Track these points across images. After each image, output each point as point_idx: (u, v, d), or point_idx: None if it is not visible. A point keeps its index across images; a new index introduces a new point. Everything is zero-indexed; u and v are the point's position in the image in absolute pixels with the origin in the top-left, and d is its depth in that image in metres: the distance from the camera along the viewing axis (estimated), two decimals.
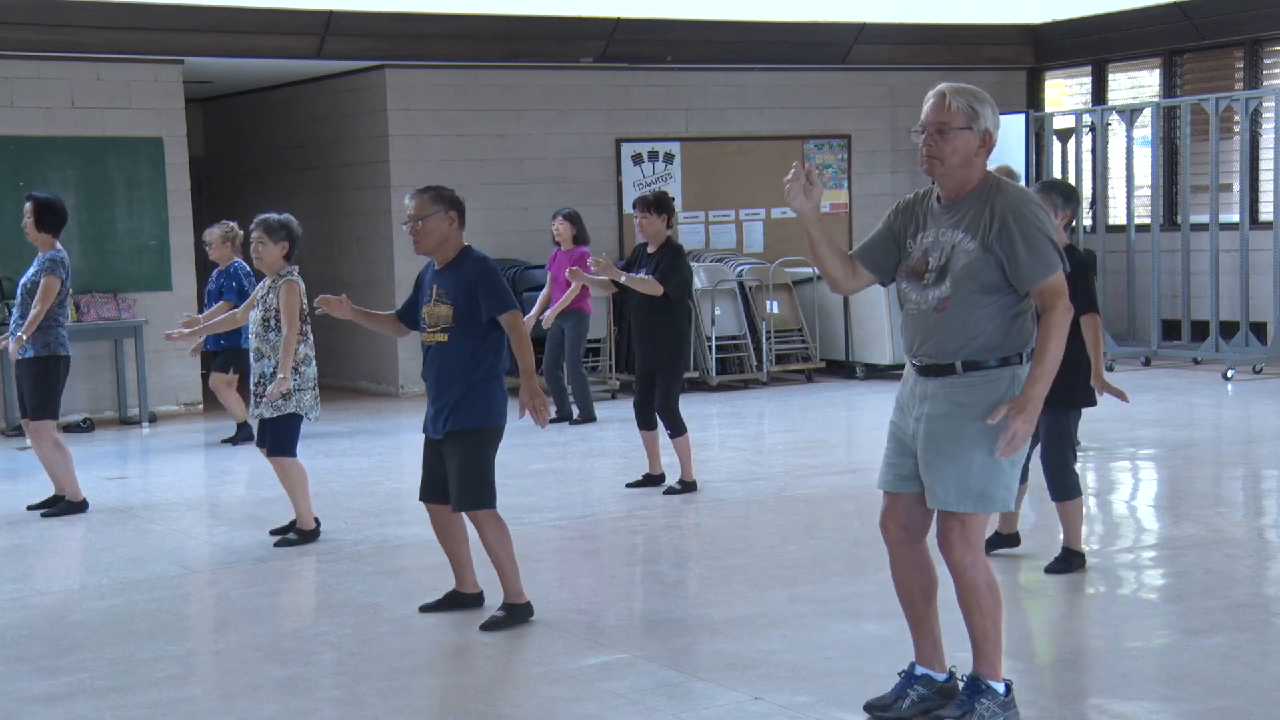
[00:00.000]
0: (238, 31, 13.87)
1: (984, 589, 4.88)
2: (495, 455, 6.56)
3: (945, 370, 4.85)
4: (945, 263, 4.83)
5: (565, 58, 15.28)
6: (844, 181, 16.77)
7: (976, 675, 4.96)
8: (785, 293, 15.42)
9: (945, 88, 4.93)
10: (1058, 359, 4.76)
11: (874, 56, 16.53)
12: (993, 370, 4.82)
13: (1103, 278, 15.69)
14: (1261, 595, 6.89)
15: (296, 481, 8.17)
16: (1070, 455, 7.13)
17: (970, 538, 4.85)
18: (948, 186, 4.92)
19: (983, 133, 4.86)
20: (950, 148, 4.84)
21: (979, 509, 4.84)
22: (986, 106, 4.90)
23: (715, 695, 5.45)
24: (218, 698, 5.77)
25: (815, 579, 7.18)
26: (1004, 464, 4.84)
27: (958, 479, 4.81)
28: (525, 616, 6.49)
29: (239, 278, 11.62)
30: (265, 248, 8.14)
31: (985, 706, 4.90)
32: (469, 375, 6.43)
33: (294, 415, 8.11)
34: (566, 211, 12.59)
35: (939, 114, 4.87)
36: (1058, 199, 7.02)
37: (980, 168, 4.90)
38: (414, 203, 6.55)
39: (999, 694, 4.93)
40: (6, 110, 13.20)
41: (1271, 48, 15.50)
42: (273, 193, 16.47)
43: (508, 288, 6.55)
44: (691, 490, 9.32)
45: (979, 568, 4.88)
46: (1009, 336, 4.83)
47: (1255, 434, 11.56)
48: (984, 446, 4.80)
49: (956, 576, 4.89)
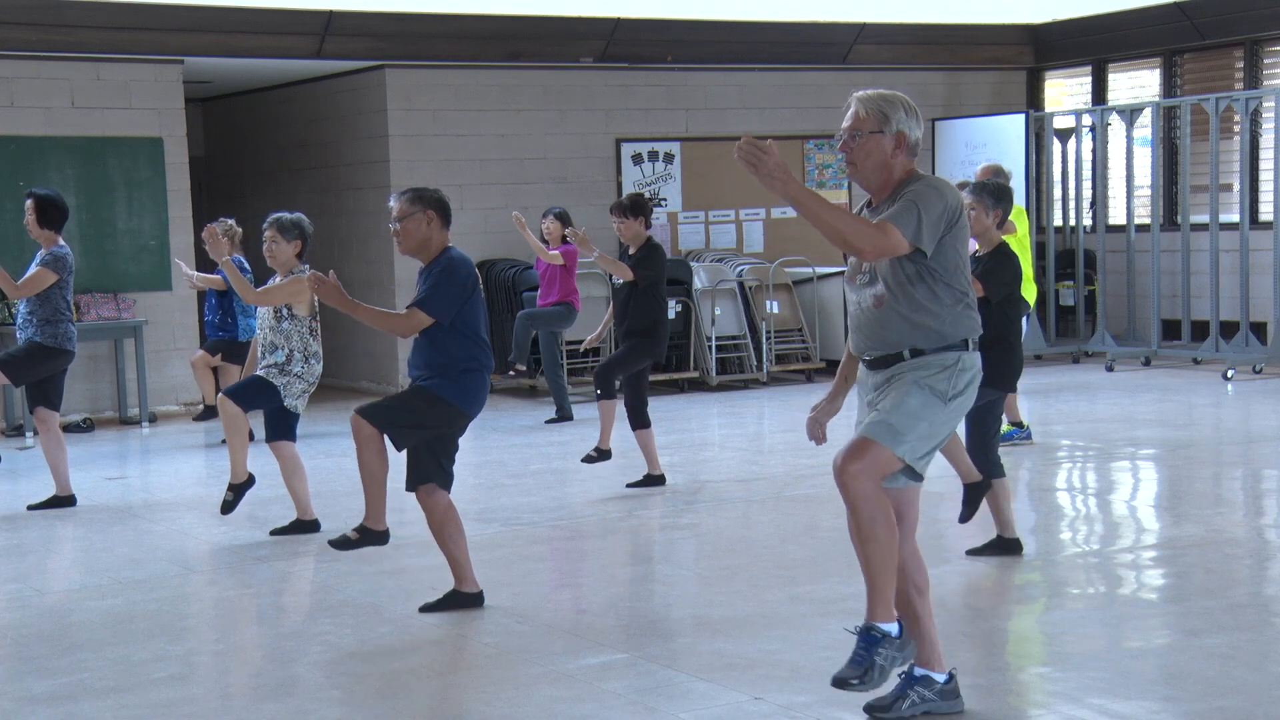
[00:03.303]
0: (238, 31, 13.87)
1: (882, 523, 4.81)
2: (431, 421, 6.55)
3: (893, 359, 4.99)
4: (873, 264, 4.96)
5: (565, 58, 15.28)
6: (844, 182, 16.76)
7: (870, 624, 4.90)
8: (785, 293, 15.42)
9: (857, 95, 5.07)
10: (830, 219, 4.73)
11: (874, 56, 16.52)
12: (938, 353, 4.95)
13: (1103, 277, 15.70)
14: (1261, 595, 6.89)
15: (293, 470, 8.33)
16: (994, 437, 7.28)
17: (872, 468, 4.83)
18: (871, 188, 5.06)
19: (895, 134, 4.95)
20: (863, 151, 4.98)
21: (888, 442, 4.84)
22: (899, 109, 5.00)
23: (715, 695, 5.45)
24: (218, 698, 5.77)
25: (815, 579, 7.18)
26: (923, 420, 4.88)
27: (884, 414, 4.90)
28: (378, 542, 6.83)
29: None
30: (278, 246, 8.24)
31: (885, 656, 4.87)
32: (438, 368, 6.56)
33: (276, 391, 8.22)
34: (557, 211, 12.71)
35: (851, 120, 5.02)
36: (988, 200, 7.53)
37: (901, 168, 4.99)
38: (396, 205, 6.70)
39: (894, 639, 4.90)
40: (6, 110, 13.20)
41: (1271, 48, 15.50)
42: (273, 193, 16.48)
43: (452, 291, 6.55)
44: (607, 458, 9.59)
45: (875, 500, 4.82)
46: (950, 324, 4.95)
47: (1255, 434, 11.56)
48: (914, 397, 4.90)
49: (853, 510, 4.83)
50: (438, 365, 6.55)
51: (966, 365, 5.00)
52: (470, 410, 6.62)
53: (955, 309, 4.96)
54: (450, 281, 6.54)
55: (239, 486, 8.40)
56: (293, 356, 8.25)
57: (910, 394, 4.91)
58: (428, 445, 6.60)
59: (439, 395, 6.54)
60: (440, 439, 6.62)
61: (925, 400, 4.91)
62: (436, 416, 6.58)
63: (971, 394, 5.03)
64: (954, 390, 4.96)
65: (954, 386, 4.96)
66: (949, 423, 5.01)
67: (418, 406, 6.58)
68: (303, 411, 8.47)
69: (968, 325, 5.01)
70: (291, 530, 8.44)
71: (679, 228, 16.01)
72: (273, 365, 8.24)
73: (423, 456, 6.62)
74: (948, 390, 4.94)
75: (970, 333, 5.01)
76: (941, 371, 4.94)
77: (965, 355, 5.00)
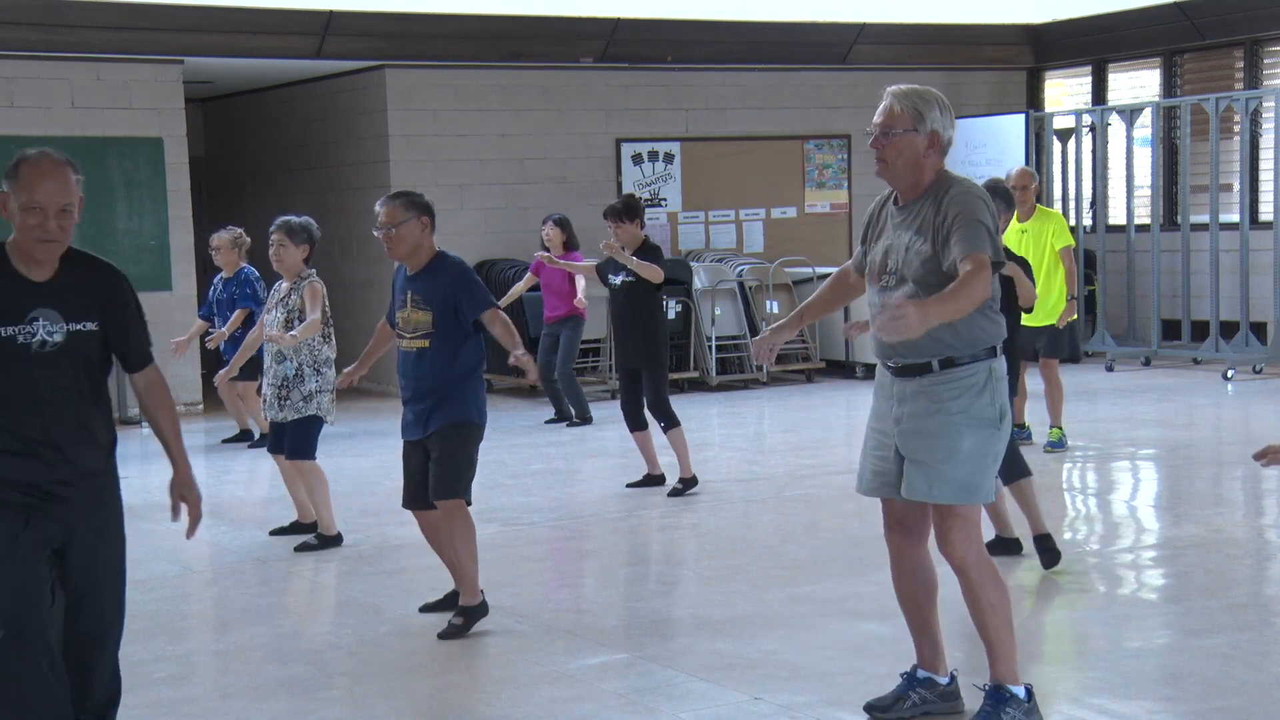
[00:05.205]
0: (238, 31, 13.87)
1: (991, 586, 4.83)
2: (477, 453, 6.52)
3: (922, 369, 4.82)
4: (902, 264, 4.83)
5: (565, 58, 15.28)
6: (844, 182, 16.76)
7: (999, 683, 4.88)
8: (785, 293, 15.41)
9: (891, 90, 4.90)
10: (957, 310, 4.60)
11: (874, 56, 16.52)
12: (969, 365, 4.80)
13: (1103, 277, 15.69)
14: (1261, 595, 6.90)
15: (316, 485, 8.09)
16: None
17: (970, 533, 4.83)
18: (900, 188, 4.91)
19: (930, 134, 4.81)
20: (895, 150, 4.82)
21: (967, 500, 4.81)
22: (934, 108, 4.85)
23: (715, 695, 5.45)
24: (218, 698, 5.77)
25: (815, 579, 7.17)
26: (988, 457, 4.83)
27: (945, 472, 4.77)
28: (481, 615, 6.42)
29: (251, 284, 11.41)
30: (286, 250, 8.03)
31: (1011, 717, 4.84)
32: (451, 377, 6.37)
33: (314, 418, 8.05)
34: (557, 217, 12.56)
35: (884, 116, 4.85)
36: (1001, 204, 7.37)
37: (932, 169, 4.86)
38: (385, 210, 6.48)
39: (1022, 701, 4.87)
40: (6, 110, 13.19)
41: (1271, 48, 15.50)
42: (273, 193, 16.48)
43: (485, 286, 6.53)
44: (693, 485, 9.31)
45: (983, 564, 4.84)
46: (978, 331, 4.81)
47: (1255, 434, 11.55)
48: (969, 439, 4.77)
49: (961, 575, 4.84)
50: (454, 377, 6.35)
51: (998, 374, 4.86)
52: (486, 417, 6.55)
53: (986, 313, 4.80)
54: (478, 280, 6.48)
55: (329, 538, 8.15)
56: (302, 371, 7.99)
57: (962, 437, 4.76)
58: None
59: (469, 422, 6.40)
60: None
61: (978, 437, 4.78)
62: (476, 439, 6.48)
63: (1008, 397, 4.92)
64: (1000, 407, 4.83)
65: (997, 403, 4.82)
66: (1005, 437, 4.89)
67: (464, 449, 6.40)
68: (336, 418, 8.31)
69: (995, 331, 4.86)
70: (291, 531, 8.42)
71: (679, 228, 16.00)
72: (284, 384, 8.00)
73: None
74: (995, 414, 4.81)
75: (997, 339, 4.87)
76: (980, 395, 4.78)
77: (995, 364, 4.86)
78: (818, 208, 16.68)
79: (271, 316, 8.17)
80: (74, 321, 4.43)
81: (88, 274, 4.50)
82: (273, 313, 8.15)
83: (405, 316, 6.48)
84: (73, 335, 4.43)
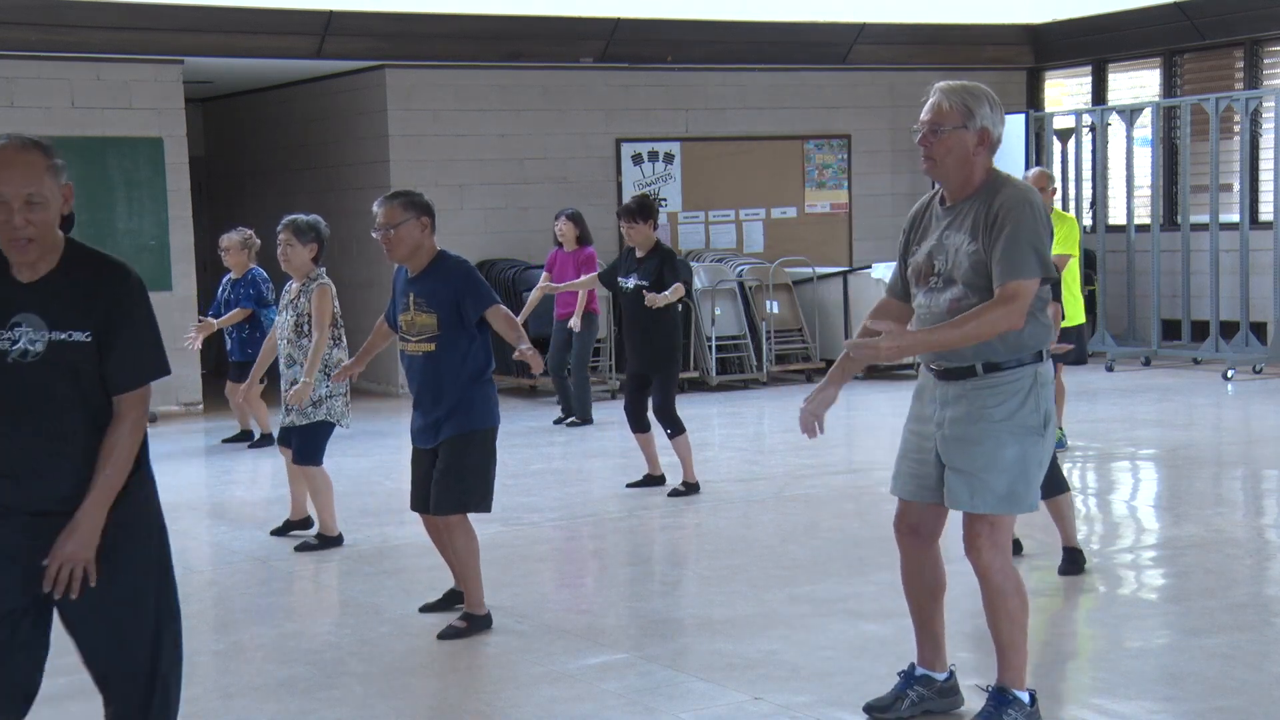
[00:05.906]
0: (238, 31, 13.87)
1: (1013, 594, 4.78)
2: (492, 459, 6.39)
3: (965, 373, 4.73)
4: (950, 266, 4.73)
5: (565, 58, 15.28)
6: (844, 182, 16.77)
7: (1003, 685, 4.86)
8: (785, 293, 15.42)
9: (940, 86, 4.80)
10: (964, 337, 4.57)
11: (874, 56, 16.53)
12: (1014, 370, 4.71)
13: (1103, 277, 15.69)
14: (1261, 595, 6.89)
15: (320, 490, 8.04)
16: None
17: (999, 540, 4.76)
18: (948, 187, 4.80)
19: (980, 130, 4.72)
20: (944, 147, 4.71)
21: (1009, 510, 4.74)
22: (983, 104, 4.76)
23: (715, 695, 5.45)
24: (218, 698, 5.76)
25: (815, 579, 7.17)
26: (1032, 466, 4.74)
27: (987, 481, 4.70)
28: (484, 627, 6.37)
29: (257, 285, 11.40)
30: (294, 250, 7.92)
31: (1012, 718, 4.84)
32: (460, 381, 6.28)
33: (323, 423, 7.99)
34: (570, 212, 12.52)
35: (932, 113, 4.76)
36: None
37: (982, 167, 4.76)
38: (383, 211, 6.37)
39: (1025, 705, 4.86)
40: (6, 110, 13.19)
41: (1271, 48, 15.50)
42: (273, 193, 16.48)
43: (487, 284, 6.44)
44: (695, 491, 9.32)
45: (1008, 572, 4.78)
46: (1024, 334, 4.69)
47: (1255, 434, 11.56)
48: (1013, 447, 4.69)
49: (984, 581, 4.78)
50: (464, 380, 6.25)
51: (1044, 378, 4.75)
52: (499, 418, 6.42)
53: (1030, 318, 4.66)
54: (480, 278, 6.38)
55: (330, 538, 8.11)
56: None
57: (1004, 446, 4.67)
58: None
59: (477, 429, 6.28)
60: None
61: (1022, 446, 4.69)
62: (489, 444, 6.36)
63: (1053, 403, 4.83)
64: (1044, 413, 4.73)
65: (1041, 409, 4.72)
66: (1050, 443, 4.81)
67: (470, 460, 6.28)
68: (351, 421, 8.24)
69: (1042, 335, 4.76)
70: (285, 530, 8.40)
71: (679, 228, 16.00)
72: (294, 381, 7.91)
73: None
74: (1039, 421, 4.72)
75: (1043, 342, 4.77)
76: (1025, 402, 4.68)
77: (1040, 368, 4.74)
78: (818, 208, 16.69)
79: (282, 319, 8.11)
80: (58, 330, 3.77)
81: (88, 276, 3.84)
82: (283, 315, 8.09)
83: (409, 319, 6.38)
84: (55, 346, 3.77)
